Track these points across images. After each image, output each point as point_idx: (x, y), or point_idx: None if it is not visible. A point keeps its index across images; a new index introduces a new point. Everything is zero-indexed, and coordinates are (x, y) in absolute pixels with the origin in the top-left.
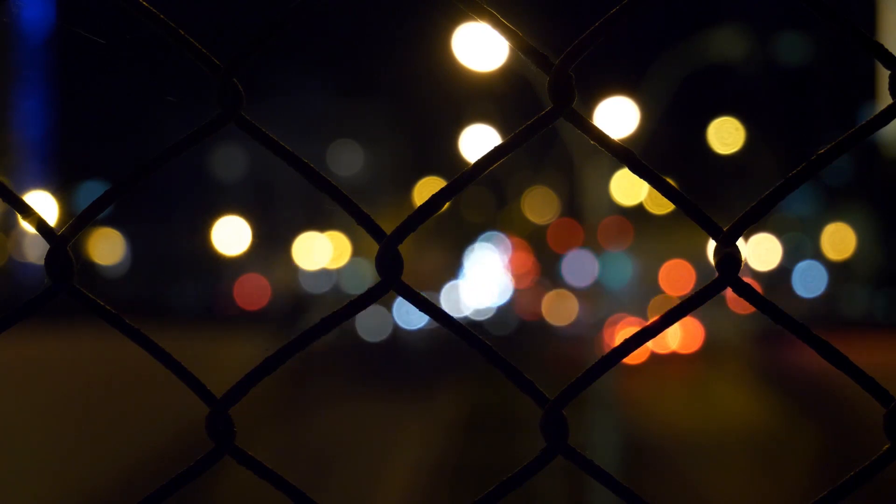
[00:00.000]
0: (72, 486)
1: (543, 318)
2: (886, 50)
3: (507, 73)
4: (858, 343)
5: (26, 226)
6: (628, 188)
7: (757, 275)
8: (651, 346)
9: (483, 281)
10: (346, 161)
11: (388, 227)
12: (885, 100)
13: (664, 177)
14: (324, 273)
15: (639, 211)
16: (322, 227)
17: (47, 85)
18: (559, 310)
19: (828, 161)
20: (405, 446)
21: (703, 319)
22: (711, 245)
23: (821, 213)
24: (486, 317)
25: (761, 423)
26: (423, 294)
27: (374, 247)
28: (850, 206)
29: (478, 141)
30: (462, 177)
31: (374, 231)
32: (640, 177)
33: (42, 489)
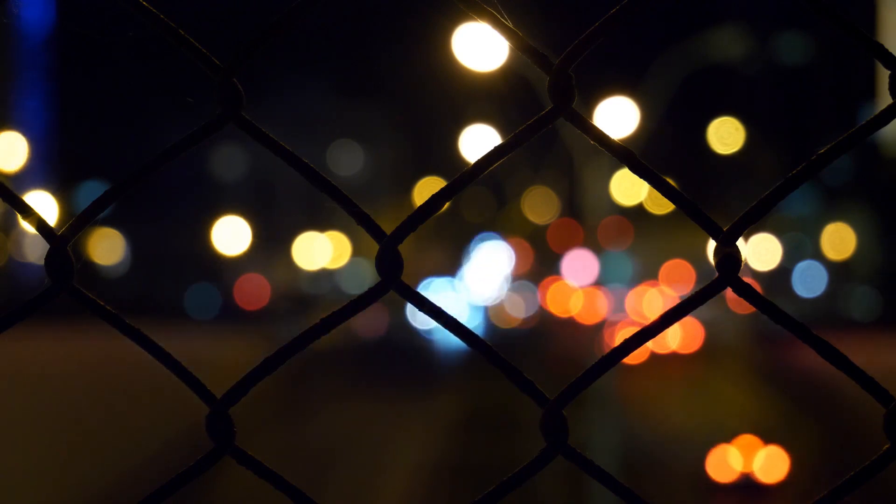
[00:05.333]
0: (72, 486)
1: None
2: (886, 50)
3: (507, 73)
4: (858, 343)
5: (26, 226)
6: (628, 188)
7: (757, 275)
8: (651, 346)
9: (482, 281)
10: (346, 161)
11: (388, 227)
12: (885, 100)
13: (664, 177)
14: (324, 273)
15: (639, 211)
16: (322, 227)
17: (47, 85)
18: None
19: (828, 161)
20: (405, 446)
21: (703, 319)
22: (711, 245)
23: (821, 213)
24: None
25: (761, 423)
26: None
27: (374, 247)
28: (850, 206)
29: (478, 141)
30: (462, 177)
31: (374, 231)
32: (640, 177)
33: (42, 489)
